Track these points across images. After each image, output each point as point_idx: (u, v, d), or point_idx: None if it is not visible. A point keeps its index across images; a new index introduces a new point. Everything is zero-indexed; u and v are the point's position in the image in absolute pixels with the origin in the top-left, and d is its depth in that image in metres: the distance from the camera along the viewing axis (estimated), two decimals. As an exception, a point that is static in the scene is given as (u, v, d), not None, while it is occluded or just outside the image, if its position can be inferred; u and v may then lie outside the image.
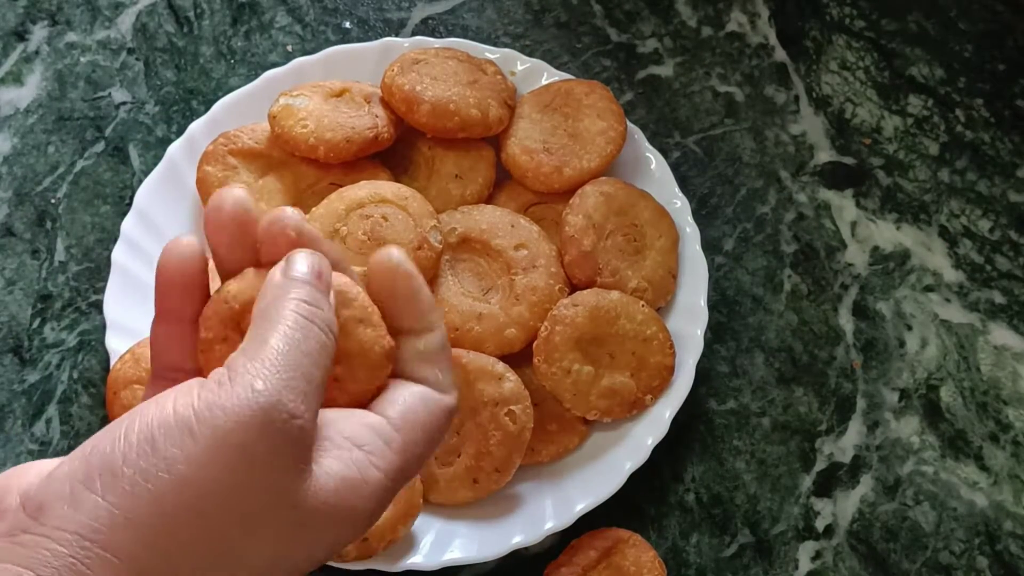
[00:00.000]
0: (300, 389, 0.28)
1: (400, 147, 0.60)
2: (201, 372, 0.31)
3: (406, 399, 0.32)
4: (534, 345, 0.54)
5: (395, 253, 0.33)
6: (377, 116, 0.58)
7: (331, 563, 0.50)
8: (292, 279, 0.30)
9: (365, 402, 0.32)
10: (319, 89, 0.59)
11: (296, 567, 0.30)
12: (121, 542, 0.27)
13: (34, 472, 0.29)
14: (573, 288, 0.56)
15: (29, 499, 0.28)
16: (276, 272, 0.30)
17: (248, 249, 0.32)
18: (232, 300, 0.31)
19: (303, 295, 0.30)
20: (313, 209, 0.55)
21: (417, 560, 0.51)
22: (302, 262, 0.30)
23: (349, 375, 0.31)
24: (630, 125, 0.61)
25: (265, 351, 0.28)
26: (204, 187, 0.58)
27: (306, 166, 0.58)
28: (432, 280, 0.55)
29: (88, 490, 0.27)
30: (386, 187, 0.55)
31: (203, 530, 0.27)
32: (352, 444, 0.30)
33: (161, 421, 0.27)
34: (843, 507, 0.56)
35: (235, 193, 0.31)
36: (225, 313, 0.31)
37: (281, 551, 0.29)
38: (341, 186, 0.56)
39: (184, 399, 0.28)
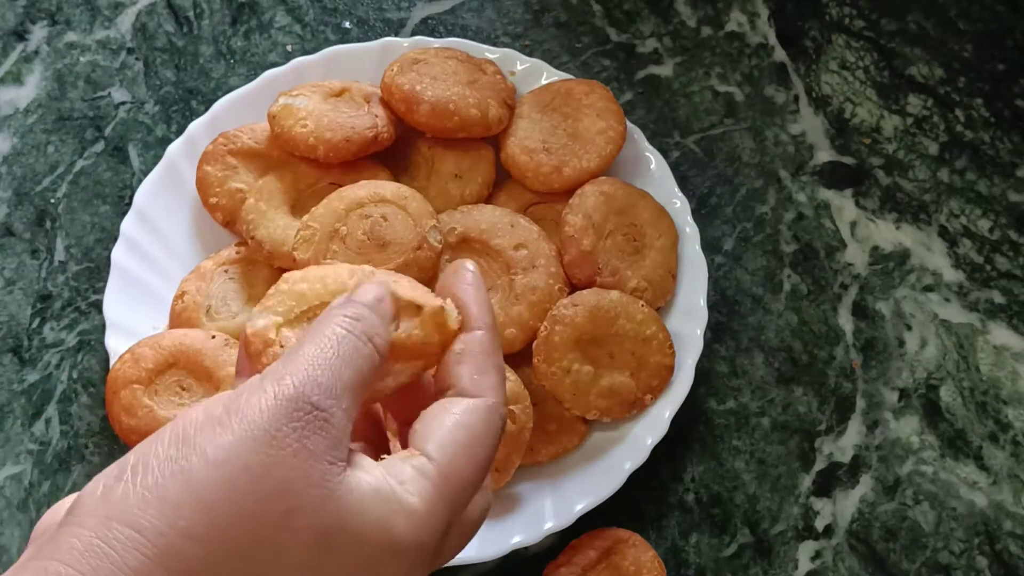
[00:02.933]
0: (326, 385, 0.29)
1: (400, 147, 0.60)
2: None
3: (440, 426, 0.31)
4: (534, 345, 0.54)
5: (467, 262, 0.35)
6: (377, 116, 0.58)
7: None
8: (349, 301, 0.31)
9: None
10: (319, 89, 0.59)
11: None
12: (148, 520, 0.26)
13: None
14: (573, 288, 0.56)
15: (67, 508, 0.28)
16: (338, 299, 0.32)
17: None
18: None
19: (349, 311, 0.31)
20: (313, 209, 0.55)
21: (417, 560, 0.51)
22: (365, 291, 0.32)
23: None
24: (630, 125, 0.61)
25: (298, 355, 0.29)
26: (204, 187, 0.58)
27: (306, 166, 0.58)
28: (432, 280, 0.55)
29: (118, 481, 0.27)
30: (386, 187, 0.55)
31: (234, 511, 0.27)
32: (384, 473, 0.30)
33: (192, 420, 0.28)
34: (843, 507, 0.56)
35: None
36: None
37: (317, 554, 0.28)
38: (341, 186, 0.56)
39: (213, 402, 0.29)
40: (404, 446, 0.32)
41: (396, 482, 0.29)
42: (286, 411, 0.28)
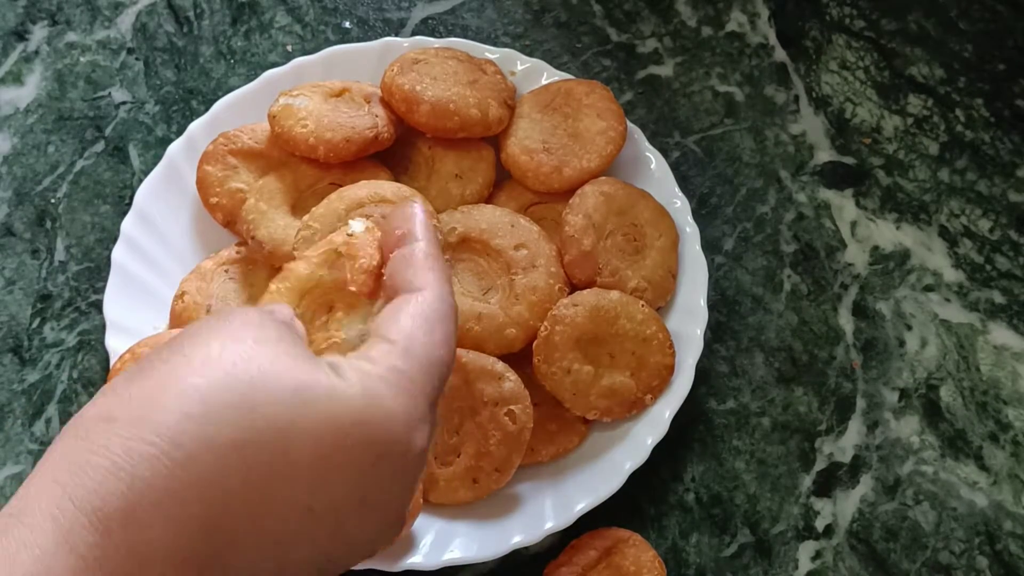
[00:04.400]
0: (279, 312, 0.34)
1: (400, 147, 0.60)
2: None
3: (395, 317, 0.35)
4: (534, 345, 0.54)
5: (416, 204, 0.40)
6: (377, 116, 0.58)
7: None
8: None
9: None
10: (319, 89, 0.59)
11: (365, 468, 0.31)
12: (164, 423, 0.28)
13: None
14: (573, 288, 0.56)
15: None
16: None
17: None
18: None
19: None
20: (313, 209, 0.55)
21: (417, 560, 0.51)
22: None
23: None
24: (630, 125, 0.61)
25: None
26: (204, 187, 0.58)
27: (306, 166, 0.58)
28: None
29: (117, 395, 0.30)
30: (386, 187, 0.55)
31: (245, 406, 0.29)
32: (354, 359, 0.33)
33: (158, 345, 0.34)
34: (843, 507, 0.56)
35: None
36: None
37: (332, 437, 0.30)
38: (341, 186, 0.56)
39: (174, 337, 0.32)
40: None
41: (367, 363, 0.33)
42: (256, 319, 0.32)
